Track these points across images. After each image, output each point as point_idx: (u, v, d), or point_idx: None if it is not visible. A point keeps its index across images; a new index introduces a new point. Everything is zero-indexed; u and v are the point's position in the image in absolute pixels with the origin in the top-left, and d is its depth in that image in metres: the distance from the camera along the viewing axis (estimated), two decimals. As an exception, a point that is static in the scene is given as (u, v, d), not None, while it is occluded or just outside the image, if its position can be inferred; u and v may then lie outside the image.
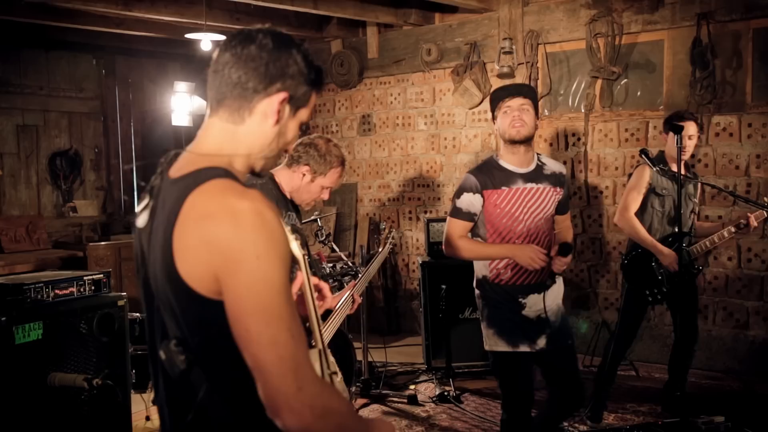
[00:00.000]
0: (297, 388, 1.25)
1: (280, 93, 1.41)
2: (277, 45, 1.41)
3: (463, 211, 2.96)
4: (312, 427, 1.26)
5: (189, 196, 1.31)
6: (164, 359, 1.36)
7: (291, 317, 1.28)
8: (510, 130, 2.90)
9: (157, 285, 1.38)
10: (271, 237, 1.28)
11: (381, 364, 5.49)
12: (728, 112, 5.10)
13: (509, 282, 2.99)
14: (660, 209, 4.07)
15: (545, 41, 5.84)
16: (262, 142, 1.44)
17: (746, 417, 4.17)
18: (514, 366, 3.01)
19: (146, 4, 5.47)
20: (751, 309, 5.09)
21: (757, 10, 4.89)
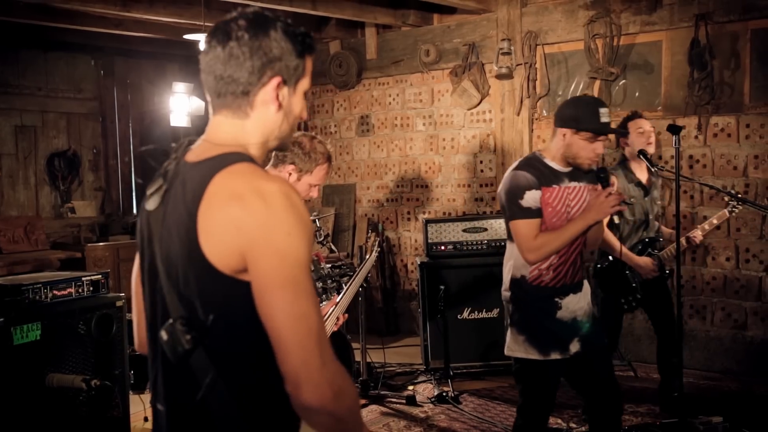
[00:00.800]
0: (322, 363, 1.27)
1: (273, 79, 1.42)
2: (253, 33, 1.40)
3: (533, 209, 2.80)
4: (329, 405, 1.28)
5: (215, 177, 1.34)
6: (165, 340, 1.35)
7: (315, 294, 1.33)
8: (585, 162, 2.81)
9: (169, 264, 1.39)
10: (300, 217, 1.33)
11: (379, 365, 5.50)
12: (726, 113, 5.10)
13: (550, 284, 2.88)
14: (630, 218, 4.08)
15: (543, 42, 5.84)
16: (272, 128, 1.47)
17: (744, 417, 4.18)
18: (542, 375, 2.89)
19: (145, 5, 5.46)
20: (749, 309, 5.10)
21: (755, 11, 4.90)
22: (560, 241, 2.78)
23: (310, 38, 1.48)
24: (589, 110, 2.76)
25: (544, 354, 2.85)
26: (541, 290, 2.87)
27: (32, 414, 2.91)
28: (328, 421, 1.31)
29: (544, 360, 2.85)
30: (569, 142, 2.79)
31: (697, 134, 5.21)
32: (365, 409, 4.68)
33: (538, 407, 2.94)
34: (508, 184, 2.85)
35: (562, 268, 2.87)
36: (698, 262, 5.28)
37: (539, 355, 2.85)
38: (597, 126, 2.73)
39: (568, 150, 2.80)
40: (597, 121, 2.73)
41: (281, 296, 1.28)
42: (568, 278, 2.89)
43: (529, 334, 2.87)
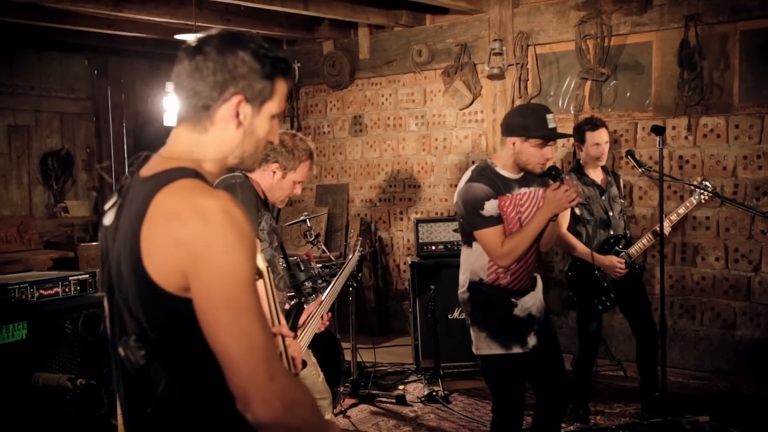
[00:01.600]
0: (269, 378, 1.28)
1: (235, 96, 1.42)
2: (221, 50, 1.42)
3: (495, 217, 2.90)
4: (282, 418, 1.29)
5: (157, 195, 1.34)
6: (123, 356, 1.37)
7: (259, 310, 1.32)
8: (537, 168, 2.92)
9: (120, 281, 1.40)
10: (239, 233, 1.31)
11: (371, 365, 5.51)
12: (716, 114, 5.12)
13: (507, 286, 2.99)
14: (590, 217, 4.11)
15: (535, 42, 5.86)
16: (230, 146, 1.46)
17: (732, 417, 4.19)
18: (507, 369, 2.99)
19: (137, 5, 5.47)
20: (738, 309, 5.12)
21: (743, 12, 4.92)
22: (526, 241, 2.88)
23: (285, 63, 1.48)
24: (537, 118, 2.85)
25: (507, 348, 2.97)
26: (498, 291, 2.99)
27: (18, 413, 2.92)
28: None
29: (506, 354, 2.97)
30: (519, 150, 2.88)
31: (687, 135, 5.23)
32: (355, 408, 4.69)
33: (511, 403, 3.02)
34: (466, 196, 2.93)
35: (519, 271, 2.98)
36: (687, 262, 5.30)
37: (502, 349, 2.97)
38: (545, 132, 2.83)
39: (518, 157, 2.89)
40: (545, 127, 2.83)
41: (222, 315, 1.28)
42: (524, 281, 3.02)
43: (490, 330, 2.98)
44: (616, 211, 4.20)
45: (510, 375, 3.00)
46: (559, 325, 5.88)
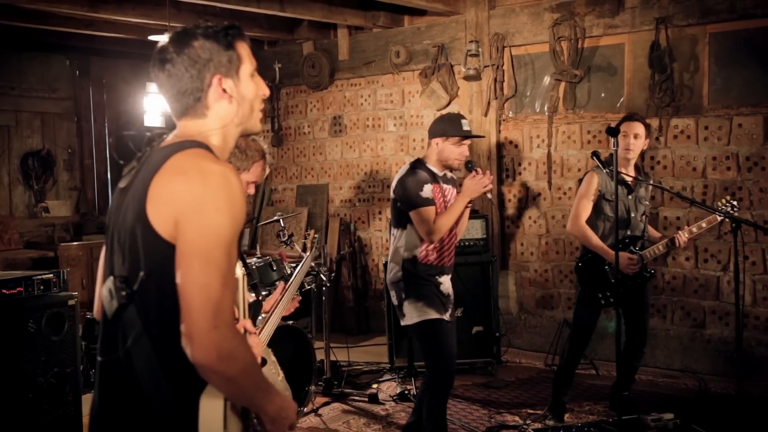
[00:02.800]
0: (212, 326, 1.42)
1: (213, 78, 1.60)
2: (179, 49, 1.59)
3: (430, 199, 3.47)
4: (215, 365, 1.43)
5: (171, 158, 1.53)
6: (105, 295, 1.53)
7: (228, 270, 1.47)
8: (456, 162, 3.57)
9: (122, 228, 1.56)
10: (232, 200, 1.48)
11: (346, 364, 5.55)
12: (686, 115, 5.18)
13: (434, 262, 3.54)
14: (611, 215, 4.09)
15: (511, 44, 5.91)
16: (230, 117, 1.64)
17: (697, 415, 4.25)
18: (441, 329, 3.50)
19: (113, 6, 5.50)
20: (708, 308, 5.18)
21: (712, 15, 4.98)
22: (450, 219, 3.47)
23: (234, 28, 1.64)
24: (454, 122, 3.55)
25: (440, 313, 3.52)
26: (427, 267, 3.54)
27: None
28: (218, 380, 1.47)
29: (440, 318, 3.51)
30: (441, 148, 3.53)
31: (658, 136, 5.29)
32: (327, 407, 4.73)
33: (444, 362, 3.49)
34: (411, 180, 3.49)
35: (444, 249, 3.58)
36: (659, 261, 5.35)
37: (436, 314, 3.50)
38: (461, 132, 3.52)
39: (441, 155, 3.54)
40: (460, 129, 3.52)
41: (194, 263, 1.43)
42: (445, 260, 3.60)
43: (426, 300, 3.50)
44: (639, 213, 4.17)
45: (443, 335, 3.51)
46: (533, 324, 5.95)
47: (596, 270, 4.12)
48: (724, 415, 4.22)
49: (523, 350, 5.94)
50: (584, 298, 4.20)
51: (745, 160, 4.97)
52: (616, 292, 4.05)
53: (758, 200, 4.93)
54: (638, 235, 4.15)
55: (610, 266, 4.06)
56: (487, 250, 5.45)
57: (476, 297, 5.24)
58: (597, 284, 4.13)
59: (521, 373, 5.41)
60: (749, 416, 4.13)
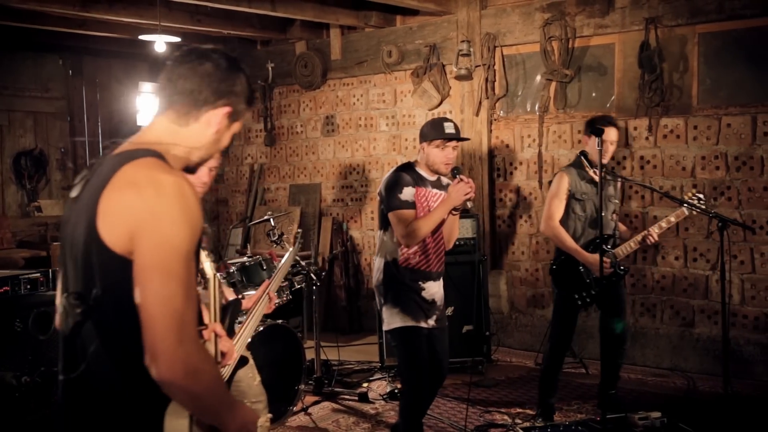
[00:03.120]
0: (178, 342, 1.40)
1: (226, 107, 1.63)
2: (229, 66, 1.63)
3: (409, 202, 3.44)
4: (180, 382, 1.41)
5: (121, 168, 1.49)
6: (61, 312, 1.50)
7: (189, 281, 1.45)
8: (441, 166, 3.51)
9: (74, 242, 1.53)
10: (187, 210, 1.46)
11: (337, 363, 5.56)
12: (675, 115, 5.20)
13: (416, 266, 3.49)
14: (582, 214, 4.13)
15: (502, 44, 5.92)
16: (200, 145, 1.64)
17: (685, 413, 4.27)
18: (417, 338, 3.47)
19: (104, 6, 5.50)
20: (697, 307, 5.20)
21: (701, 15, 5.00)
22: (429, 224, 3.40)
23: (255, 98, 1.76)
24: (436, 125, 3.51)
25: (416, 321, 3.47)
26: (408, 271, 3.49)
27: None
28: (183, 396, 1.45)
29: (416, 326, 3.46)
30: (427, 152, 3.51)
31: (647, 135, 5.31)
32: (317, 406, 4.74)
33: (418, 370, 3.47)
34: (390, 181, 3.50)
35: (426, 253, 3.52)
36: (648, 261, 5.37)
37: (412, 321, 3.46)
38: (442, 135, 3.47)
39: (427, 159, 3.51)
40: (442, 131, 3.48)
41: (154, 277, 1.41)
42: (431, 265, 3.53)
43: (402, 306, 3.46)
44: (609, 211, 4.20)
45: (418, 343, 3.48)
46: (524, 323, 5.96)
47: (571, 271, 4.14)
48: (711, 414, 4.24)
49: (513, 349, 5.95)
50: (561, 299, 4.22)
51: (733, 159, 4.99)
52: (590, 293, 4.10)
53: (747, 200, 4.95)
54: (610, 234, 4.20)
55: (584, 267, 4.10)
56: (477, 249, 5.47)
57: (466, 296, 5.25)
58: (573, 285, 4.15)
59: (511, 372, 5.43)
60: (736, 415, 4.15)
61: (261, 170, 7.67)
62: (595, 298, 4.11)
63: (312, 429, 4.39)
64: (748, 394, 4.71)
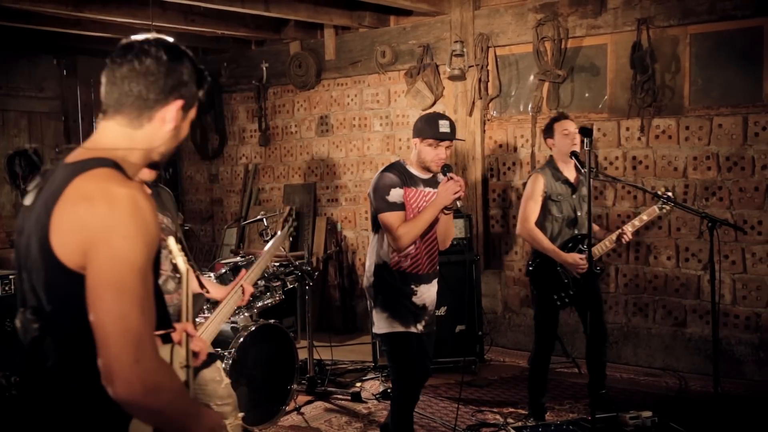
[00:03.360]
0: (134, 360, 1.36)
1: (177, 101, 1.57)
2: (171, 57, 1.55)
3: (398, 204, 3.33)
4: (140, 400, 1.37)
5: (74, 180, 1.44)
6: (19, 327, 1.47)
7: (145, 297, 1.41)
8: (432, 165, 3.41)
9: (27, 256, 1.49)
10: (141, 223, 1.42)
11: (332, 362, 5.57)
12: (667, 115, 5.21)
13: (407, 269, 3.39)
14: (559, 215, 4.16)
15: (495, 44, 5.93)
16: (159, 142, 1.59)
17: (676, 413, 4.29)
18: (407, 344, 3.39)
19: (97, 6, 5.50)
20: (689, 307, 5.22)
21: (693, 16, 5.01)
22: (418, 227, 3.29)
23: (206, 76, 1.65)
24: (431, 123, 3.37)
25: (406, 326, 3.39)
26: (400, 275, 3.39)
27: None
28: (145, 414, 1.41)
29: (406, 331, 3.38)
30: (419, 150, 3.40)
31: (640, 136, 5.32)
32: (310, 405, 4.75)
33: (409, 375, 3.42)
34: (377, 183, 3.38)
35: (418, 257, 3.41)
36: (641, 261, 5.39)
37: (402, 327, 3.38)
38: (436, 134, 3.34)
39: (419, 156, 3.40)
40: (436, 130, 3.34)
41: (106, 295, 1.37)
42: (423, 267, 3.43)
43: (391, 311, 3.38)
44: (583, 211, 4.24)
45: (409, 349, 3.40)
46: (517, 323, 5.98)
47: (549, 272, 4.16)
48: (702, 414, 4.26)
49: (507, 349, 5.97)
50: (541, 301, 4.23)
51: (725, 160, 5.01)
52: (569, 293, 4.12)
53: (738, 200, 4.97)
54: (585, 234, 4.20)
55: (561, 267, 4.12)
56: (470, 249, 5.48)
57: (459, 296, 5.26)
58: (551, 286, 4.17)
59: (504, 372, 5.44)
60: (727, 414, 4.17)
61: (255, 170, 7.67)
62: (574, 298, 4.14)
63: (304, 428, 4.40)
64: (739, 393, 4.74)
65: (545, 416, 4.36)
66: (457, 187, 3.25)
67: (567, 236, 4.17)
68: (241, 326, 4.32)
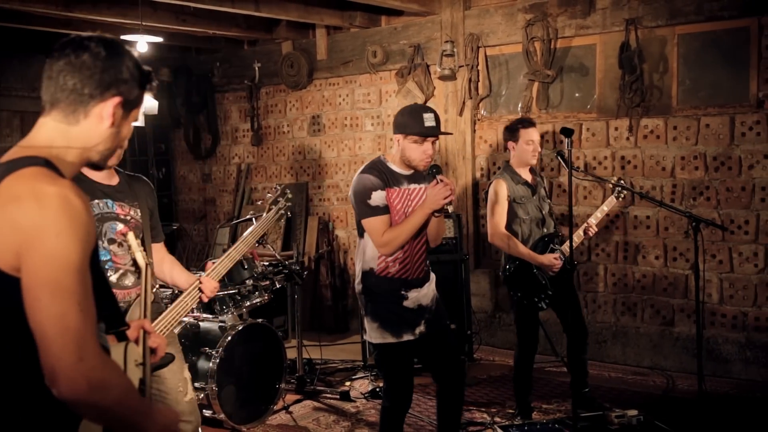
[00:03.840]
0: (78, 358, 1.34)
1: (115, 98, 1.53)
2: (109, 53, 1.52)
3: (381, 207, 3.10)
4: (87, 398, 1.35)
5: (4, 180, 1.41)
6: None
7: (83, 294, 1.38)
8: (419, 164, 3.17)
9: None
10: (74, 220, 1.38)
11: (323, 362, 5.59)
12: (655, 115, 5.23)
13: (396, 275, 3.17)
14: (525, 216, 4.17)
15: (485, 44, 5.95)
16: (97, 141, 1.55)
17: (662, 411, 4.31)
18: (399, 355, 3.20)
19: (88, 6, 5.51)
20: (677, 306, 5.24)
21: (680, 17, 5.03)
22: (405, 233, 3.08)
23: (151, 76, 1.63)
24: (414, 116, 3.09)
25: (398, 337, 3.16)
26: (388, 281, 3.17)
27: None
28: (93, 412, 1.40)
29: (398, 342, 3.17)
30: (403, 146, 3.13)
31: (628, 136, 5.34)
32: (299, 404, 4.77)
33: (401, 387, 3.25)
34: (356, 186, 3.14)
35: (407, 261, 3.18)
36: (629, 260, 5.41)
37: (393, 338, 3.16)
38: (421, 130, 3.06)
39: (403, 154, 3.14)
40: (421, 125, 3.07)
41: (43, 295, 1.34)
42: (413, 272, 3.20)
43: (381, 321, 3.17)
44: (546, 211, 4.28)
45: (401, 361, 3.22)
46: (507, 322, 5.99)
47: (526, 275, 4.17)
48: (688, 412, 4.28)
49: (496, 348, 5.98)
50: (520, 304, 4.23)
51: (712, 159, 5.03)
52: (547, 293, 4.14)
53: (725, 199, 4.99)
54: (554, 233, 4.25)
55: (537, 269, 4.13)
56: (459, 248, 5.50)
57: (448, 295, 5.27)
58: (530, 289, 4.17)
59: (493, 371, 5.46)
60: (712, 413, 4.19)
61: (248, 170, 7.69)
62: (553, 298, 4.16)
63: (292, 427, 4.41)
64: (725, 392, 4.76)
65: (532, 415, 4.38)
66: (447, 191, 3.01)
67: (537, 236, 4.20)
68: (229, 325, 4.34)
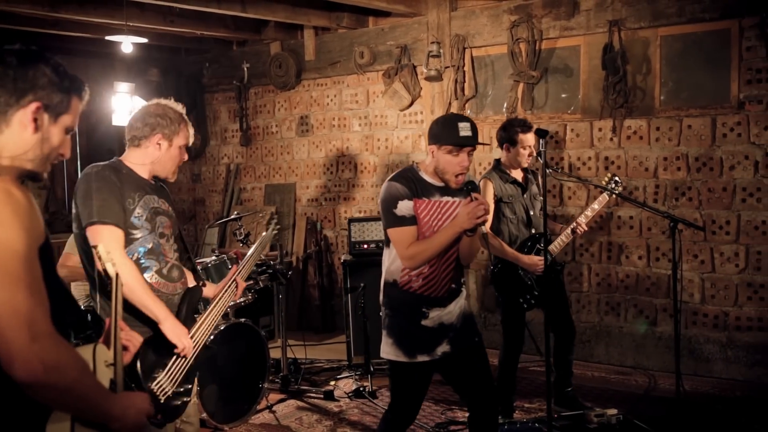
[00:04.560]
0: (30, 339, 1.37)
1: (32, 103, 1.56)
2: (22, 61, 1.56)
3: (407, 217, 2.93)
4: (43, 379, 1.38)
5: None
6: None
7: (32, 281, 1.42)
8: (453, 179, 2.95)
9: None
10: (16, 210, 1.43)
11: (308, 361, 5.61)
12: (639, 116, 5.27)
13: (418, 291, 2.99)
14: (512, 216, 4.21)
15: (471, 45, 5.98)
16: (24, 149, 1.57)
17: (642, 410, 4.34)
18: (409, 375, 3.04)
19: (74, 7, 5.52)
20: (659, 306, 5.27)
21: (663, 18, 5.06)
22: (432, 249, 2.89)
23: (80, 82, 1.66)
24: (449, 126, 2.91)
25: (411, 357, 2.99)
26: (409, 295, 2.99)
27: None
28: (53, 394, 1.42)
29: (410, 362, 2.99)
30: (437, 158, 2.93)
31: (612, 136, 5.37)
32: (282, 403, 4.79)
33: (407, 405, 3.11)
34: (383, 194, 2.98)
35: (432, 277, 2.97)
36: (613, 260, 5.44)
37: (406, 357, 2.99)
38: (456, 140, 2.87)
39: (437, 165, 2.94)
40: (456, 135, 2.87)
41: None
42: (438, 290, 2.99)
43: (396, 338, 3.01)
44: (536, 209, 4.31)
45: (411, 381, 3.05)
46: (493, 322, 6.02)
47: (511, 276, 4.20)
48: (668, 411, 4.31)
49: (482, 348, 6.00)
50: (507, 304, 4.26)
51: (694, 160, 5.06)
52: (534, 294, 4.17)
53: (707, 200, 5.03)
54: (542, 233, 4.26)
55: (523, 270, 4.16)
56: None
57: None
58: (516, 290, 4.20)
59: (478, 370, 5.48)
60: (692, 412, 4.22)
61: (237, 170, 7.71)
62: (539, 298, 4.18)
63: (275, 426, 4.43)
64: (706, 391, 4.80)
65: (513, 414, 4.41)
66: (481, 211, 2.79)
67: (524, 236, 4.22)
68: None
